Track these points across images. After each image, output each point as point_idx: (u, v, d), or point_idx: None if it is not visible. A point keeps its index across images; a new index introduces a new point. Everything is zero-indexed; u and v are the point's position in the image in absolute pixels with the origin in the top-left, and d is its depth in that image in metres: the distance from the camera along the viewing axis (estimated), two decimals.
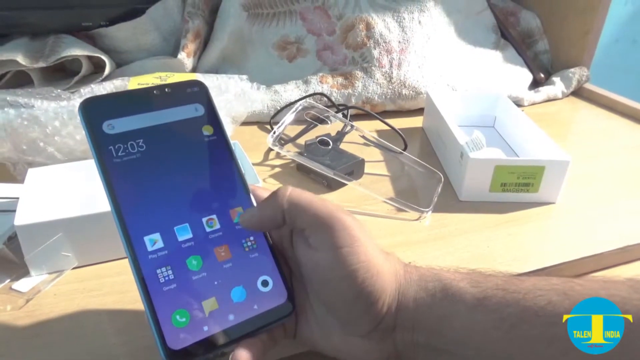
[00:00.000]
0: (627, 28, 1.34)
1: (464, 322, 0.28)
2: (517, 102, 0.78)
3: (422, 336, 0.29)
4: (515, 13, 0.93)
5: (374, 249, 0.29)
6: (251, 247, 0.31)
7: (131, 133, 0.29)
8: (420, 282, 0.30)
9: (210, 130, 0.32)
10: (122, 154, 0.29)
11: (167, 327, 0.27)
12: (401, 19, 0.77)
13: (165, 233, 0.29)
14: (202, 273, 0.29)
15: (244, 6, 0.76)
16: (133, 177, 0.29)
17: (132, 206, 0.28)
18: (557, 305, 0.27)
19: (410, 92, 0.74)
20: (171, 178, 0.30)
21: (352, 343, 0.30)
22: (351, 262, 0.27)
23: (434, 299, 0.29)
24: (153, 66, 0.71)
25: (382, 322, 0.29)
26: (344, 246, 0.28)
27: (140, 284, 0.27)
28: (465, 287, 0.29)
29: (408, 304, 0.29)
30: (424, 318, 0.29)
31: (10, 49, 0.66)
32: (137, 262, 0.27)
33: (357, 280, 0.27)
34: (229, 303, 0.29)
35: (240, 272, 0.30)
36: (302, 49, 0.78)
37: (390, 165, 0.60)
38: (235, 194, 0.32)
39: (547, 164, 0.51)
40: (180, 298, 0.28)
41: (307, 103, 0.60)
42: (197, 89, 0.32)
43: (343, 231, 0.28)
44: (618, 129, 0.74)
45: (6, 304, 0.36)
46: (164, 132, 0.31)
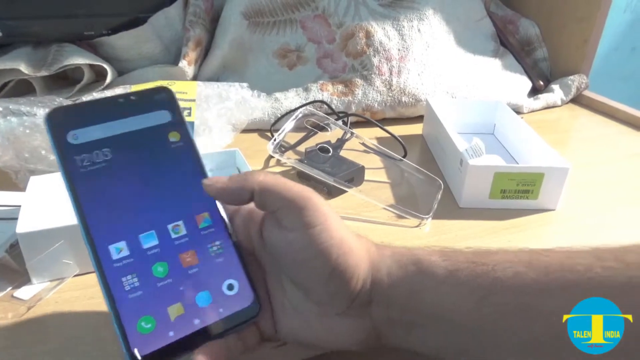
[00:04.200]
0: (626, 36, 1.35)
1: (436, 295, 0.29)
2: (516, 110, 0.78)
3: (396, 311, 0.30)
4: (514, 21, 0.94)
5: (344, 228, 0.30)
6: (217, 251, 0.31)
7: (96, 142, 0.30)
8: (394, 257, 0.30)
9: (177, 137, 0.32)
10: (88, 164, 0.29)
11: (133, 333, 0.27)
12: (401, 27, 0.78)
13: (130, 241, 0.29)
14: (167, 279, 0.29)
15: (244, 15, 0.77)
16: (99, 187, 0.29)
17: (97, 216, 0.29)
18: (524, 275, 0.27)
19: (410, 99, 0.74)
20: (137, 186, 0.30)
21: (331, 324, 0.30)
22: (324, 240, 0.28)
23: (406, 273, 0.30)
24: (154, 74, 0.72)
25: (357, 298, 0.30)
26: (317, 225, 0.28)
27: (106, 292, 0.27)
28: (437, 260, 0.30)
29: (382, 279, 0.30)
30: (397, 292, 0.29)
31: (13, 58, 0.66)
32: (102, 270, 0.28)
33: (331, 257, 0.28)
34: (195, 308, 0.29)
35: (206, 277, 0.30)
36: (303, 57, 0.79)
37: (390, 172, 0.60)
38: (201, 199, 0.32)
39: (547, 170, 0.51)
40: (146, 305, 0.28)
41: (307, 110, 0.61)
42: (164, 95, 0.33)
43: (314, 210, 0.28)
44: (617, 136, 0.74)
45: (8, 312, 0.36)
46: (130, 140, 0.31)
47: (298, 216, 0.28)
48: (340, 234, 0.29)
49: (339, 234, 0.29)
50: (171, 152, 0.32)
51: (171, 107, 0.32)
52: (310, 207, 0.28)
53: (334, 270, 0.28)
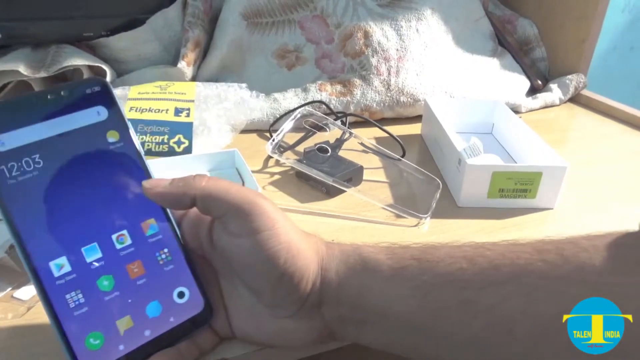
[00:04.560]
0: (625, 35, 1.35)
1: (382, 292, 0.29)
2: (514, 109, 0.79)
3: (345, 309, 0.30)
4: (512, 21, 0.94)
5: (293, 230, 0.30)
6: (166, 259, 0.30)
7: (25, 148, 0.26)
8: (342, 257, 0.31)
9: (116, 136, 0.29)
10: (17, 174, 0.26)
11: (81, 351, 0.26)
12: (399, 27, 0.78)
13: (72, 255, 0.27)
14: (114, 293, 0.28)
15: (243, 15, 0.77)
16: (32, 199, 0.26)
17: (33, 231, 0.26)
18: (466, 270, 0.28)
19: (408, 99, 0.74)
20: (75, 195, 0.28)
21: (284, 326, 0.30)
22: (272, 245, 0.28)
23: (354, 272, 0.30)
24: (153, 75, 0.72)
25: (307, 300, 0.30)
26: (264, 230, 0.28)
27: (49, 312, 0.26)
28: (382, 258, 0.30)
29: (331, 279, 0.30)
30: (345, 291, 0.30)
31: (12, 60, 0.66)
32: (43, 290, 0.26)
33: (279, 261, 0.28)
34: (145, 319, 0.28)
35: (155, 287, 0.29)
36: (301, 57, 0.79)
37: (389, 172, 0.60)
38: (146, 205, 0.30)
39: (545, 170, 0.51)
40: (93, 321, 0.27)
41: (306, 111, 0.61)
42: (98, 89, 0.29)
43: (261, 215, 0.28)
44: (615, 135, 0.75)
45: (7, 312, 0.36)
46: (63, 143, 0.28)
47: (244, 222, 0.28)
48: (289, 237, 0.29)
49: (287, 237, 0.29)
50: (110, 154, 0.29)
51: (108, 101, 0.29)
52: (256, 212, 0.28)
53: (282, 275, 0.28)
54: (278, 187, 0.56)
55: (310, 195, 0.54)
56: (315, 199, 0.54)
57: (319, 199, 0.54)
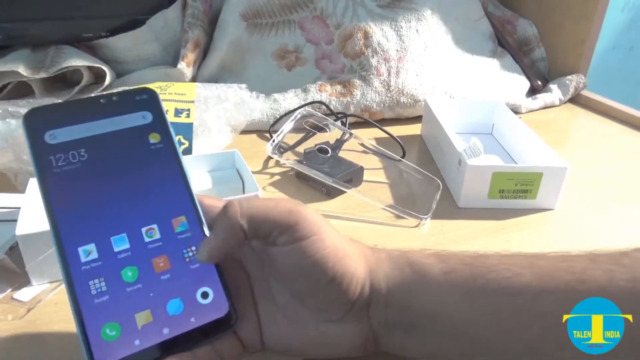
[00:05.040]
0: (624, 35, 1.35)
1: (432, 295, 0.29)
2: (514, 110, 0.79)
3: (394, 312, 0.30)
4: (512, 21, 0.94)
5: (337, 235, 0.30)
6: (192, 257, 0.30)
7: (73, 142, 0.29)
8: (390, 260, 0.31)
9: (157, 138, 0.31)
10: (62, 164, 0.28)
11: (96, 340, 0.26)
12: (399, 28, 0.78)
13: (100, 244, 0.28)
14: (137, 284, 0.28)
15: (243, 16, 0.77)
16: (71, 187, 0.28)
17: (68, 217, 0.28)
18: (521, 276, 0.27)
19: (408, 100, 0.74)
20: (112, 187, 0.29)
21: (328, 332, 0.30)
22: (319, 249, 0.28)
23: (403, 275, 0.30)
24: (153, 76, 0.72)
25: (356, 303, 0.29)
26: (310, 236, 0.28)
27: (71, 296, 0.26)
28: (433, 262, 0.30)
29: (380, 282, 0.30)
30: (394, 294, 0.29)
31: (11, 60, 0.66)
32: (68, 273, 0.27)
33: (328, 265, 0.28)
34: (164, 316, 0.28)
35: (179, 284, 0.29)
36: (301, 57, 0.79)
37: (389, 172, 0.60)
38: (178, 202, 0.30)
39: (545, 170, 0.51)
40: (112, 311, 0.27)
41: (306, 111, 0.61)
42: (146, 97, 0.32)
43: (304, 222, 0.28)
44: (615, 136, 0.75)
45: (7, 314, 0.36)
46: (108, 140, 0.30)
47: (291, 232, 0.28)
48: (334, 241, 0.29)
49: (332, 241, 0.29)
50: (150, 154, 0.31)
51: (154, 108, 0.31)
52: (301, 221, 0.28)
53: (333, 277, 0.28)
54: (278, 188, 0.56)
55: (310, 196, 0.54)
56: (316, 199, 0.54)
57: (319, 200, 0.54)
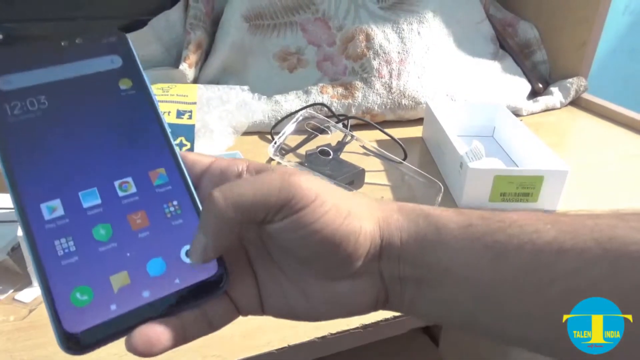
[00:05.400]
0: (625, 38, 1.35)
1: (449, 249, 0.27)
2: (515, 112, 0.79)
3: (407, 267, 0.28)
4: (513, 24, 0.94)
5: (338, 195, 0.27)
6: (174, 212, 0.27)
7: (31, 89, 0.26)
8: (402, 212, 0.28)
9: (129, 84, 0.28)
10: (19, 113, 0.25)
11: (64, 306, 0.23)
12: (400, 30, 0.78)
13: (67, 199, 0.25)
14: (111, 243, 0.25)
15: (245, 18, 0.77)
16: (31, 139, 0.25)
17: (28, 170, 0.25)
18: (543, 233, 0.25)
19: (409, 102, 0.74)
20: (78, 138, 0.26)
21: (339, 289, 0.28)
22: (318, 215, 0.26)
23: (417, 228, 0.27)
24: (155, 77, 0.72)
25: (367, 257, 0.27)
26: (308, 204, 0.26)
27: (34, 259, 0.23)
28: (449, 215, 0.28)
29: (392, 235, 0.28)
30: (408, 248, 0.27)
31: None
32: (30, 232, 0.24)
33: (335, 224, 0.26)
34: (144, 277, 0.25)
35: (160, 242, 0.26)
36: (303, 59, 0.79)
37: (390, 175, 0.60)
38: (155, 153, 0.27)
39: (546, 173, 0.51)
40: (83, 273, 0.24)
41: (307, 113, 0.61)
42: (114, 39, 0.29)
43: (300, 193, 0.26)
44: (616, 139, 0.75)
45: (9, 315, 0.36)
46: (71, 86, 0.27)
47: (288, 207, 0.25)
48: (334, 202, 0.26)
49: (332, 203, 0.26)
50: (121, 101, 0.28)
51: (123, 51, 0.28)
52: (295, 194, 0.26)
53: (339, 243, 0.26)
54: None
55: None
56: None
57: None
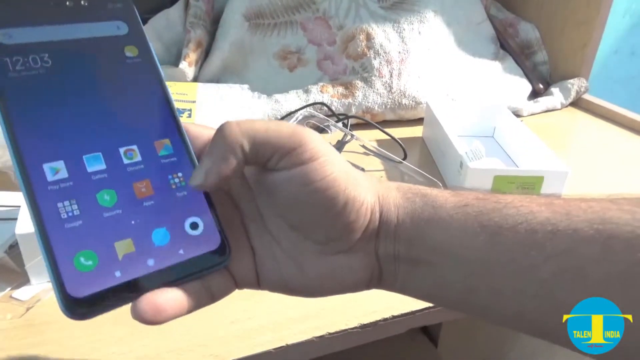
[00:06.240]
0: (626, 40, 1.35)
1: (445, 228, 0.27)
2: (516, 113, 0.79)
3: (402, 245, 0.28)
4: (514, 24, 0.94)
5: (345, 161, 0.28)
6: (179, 184, 0.26)
7: (34, 45, 0.25)
8: (400, 191, 0.29)
9: (135, 52, 0.27)
10: (21, 68, 0.24)
11: (68, 270, 0.22)
12: (401, 30, 0.78)
13: (70, 162, 0.24)
14: (115, 210, 0.24)
15: (245, 16, 0.77)
16: (33, 97, 0.24)
17: (30, 129, 0.24)
18: (537, 213, 0.26)
19: (410, 102, 0.74)
20: (82, 101, 0.25)
21: (335, 264, 0.28)
22: (327, 172, 0.25)
23: (414, 206, 0.28)
24: None
25: (366, 231, 0.27)
26: (317, 158, 0.25)
27: (36, 220, 0.23)
28: (445, 195, 0.28)
29: (389, 212, 0.28)
30: (404, 226, 0.28)
31: None
32: (32, 193, 0.23)
33: (341, 186, 0.26)
34: (149, 246, 0.24)
35: (164, 212, 0.26)
36: (303, 58, 0.79)
37: (390, 174, 0.60)
38: (161, 124, 0.27)
39: (546, 174, 0.51)
40: (87, 237, 0.23)
41: (307, 112, 0.61)
42: (120, 5, 0.28)
43: (310, 144, 0.26)
44: (616, 140, 0.75)
45: (6, 313, 0.36)
46: (76, 47, 0.26)
47: (297, 153, 0.25)
48: (342, 166, 0.26)
49: (340, 166, 0.26)
50: (126, 68, 0.27)
51: (130, 18, 0.28)
52: (305, 143, 0.25)
53: (346, 201, 0.26)
54: None
55: None
56: None
57: None
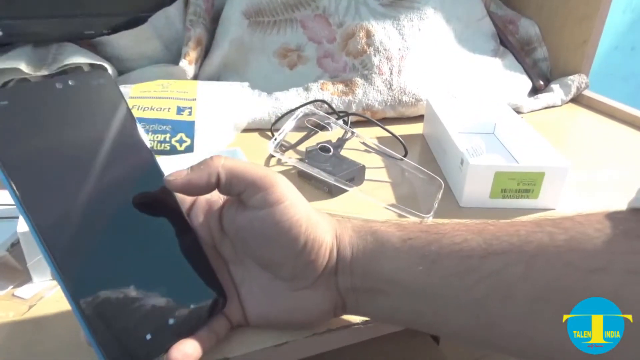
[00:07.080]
0: (626, 36, 1.35)
1: (391, 261, 0.31)
2: (516, 109, 0.79)
3: (358, 278, 0.32)
4: (514, 21, 0.94)
5: (308, 206, 0.32)
6: None
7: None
8: (354, 229, 0.33)
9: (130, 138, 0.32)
10: None
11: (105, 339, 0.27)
12: (401, 27, 0.78)
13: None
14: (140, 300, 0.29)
15: (245, 14, 0.77)
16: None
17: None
18: (471, 241, 0.30)
19: (410, 99, 0.74)
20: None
21: (301, 299, 0.32)
22: (293, 213, 0.30)
23: (365, 243, 0.32)
24: (155, 74, 0.72)
25: (326, 268, 0.32)
26: (284, 200, 0.30)
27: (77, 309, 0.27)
28: (392, 230, 0.32)
29: (345, 250, 0.32)
30: (358, 261, 0.32)
31: (13, 57, 0.66)
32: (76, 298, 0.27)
33: (301, 228, 0.30)
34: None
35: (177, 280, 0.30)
36: (303, 56, 0.79)
37: (391, 171, 0.60)
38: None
39: (547, 170, 0.51)
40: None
41: (307, 110, 0.61)
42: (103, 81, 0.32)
43: (280, 188, 0.30)
44: (617, 136, 0.75)
45: (8, 311, 0.36)
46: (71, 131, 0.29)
47: (265, 194, 0.30)
48: (305, 209, 0.31)
49: (304, 209, 0.31)
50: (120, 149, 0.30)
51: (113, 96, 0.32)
52: (275, 185, 0.30)
53: (305, 241, 0.30)
54: None
55: (312, 195, 0.54)
56: (317, 198, 0.54)
57: (321, 199, 0.54)
